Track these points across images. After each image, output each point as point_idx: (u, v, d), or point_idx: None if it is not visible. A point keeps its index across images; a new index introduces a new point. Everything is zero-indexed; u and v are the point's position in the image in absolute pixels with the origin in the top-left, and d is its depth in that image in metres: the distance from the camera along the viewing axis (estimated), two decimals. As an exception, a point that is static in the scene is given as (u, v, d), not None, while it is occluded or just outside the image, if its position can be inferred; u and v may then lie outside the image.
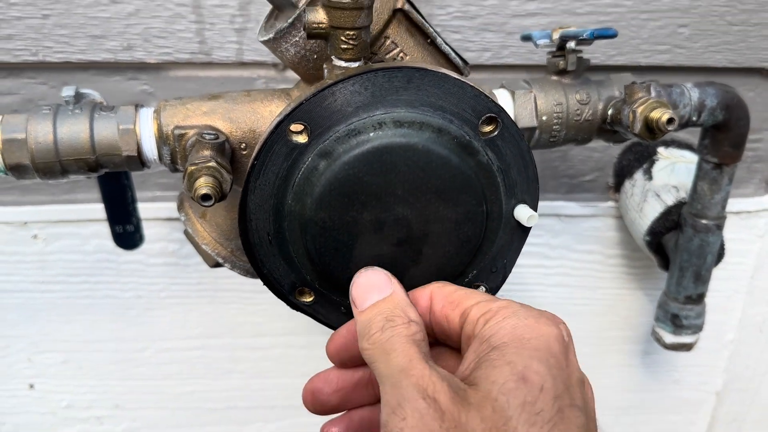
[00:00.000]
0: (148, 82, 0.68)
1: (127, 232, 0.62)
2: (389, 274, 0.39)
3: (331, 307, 0.43)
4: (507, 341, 0.34)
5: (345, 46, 0.40)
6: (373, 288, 0.38)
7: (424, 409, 0.32)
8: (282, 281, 0.42)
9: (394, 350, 0.34)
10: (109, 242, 0.72)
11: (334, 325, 0.44)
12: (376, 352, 0.35)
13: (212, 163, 0.42)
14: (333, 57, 0.41)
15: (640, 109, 0.48)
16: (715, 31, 0.70)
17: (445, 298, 0.38)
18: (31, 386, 0.81)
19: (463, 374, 0.34)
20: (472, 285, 0.44)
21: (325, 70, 0.41)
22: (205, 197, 0.40)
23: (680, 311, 0.69)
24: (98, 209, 0.71)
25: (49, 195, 0.72)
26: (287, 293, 0.43)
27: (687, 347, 0.71)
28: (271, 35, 0.45)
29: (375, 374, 0.35)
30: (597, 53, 0.69)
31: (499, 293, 0.44)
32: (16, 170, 0.47)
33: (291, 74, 0.68)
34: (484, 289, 0.44)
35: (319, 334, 0.82)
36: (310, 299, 0.43)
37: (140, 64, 0.67)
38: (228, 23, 0.65)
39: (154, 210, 0.72)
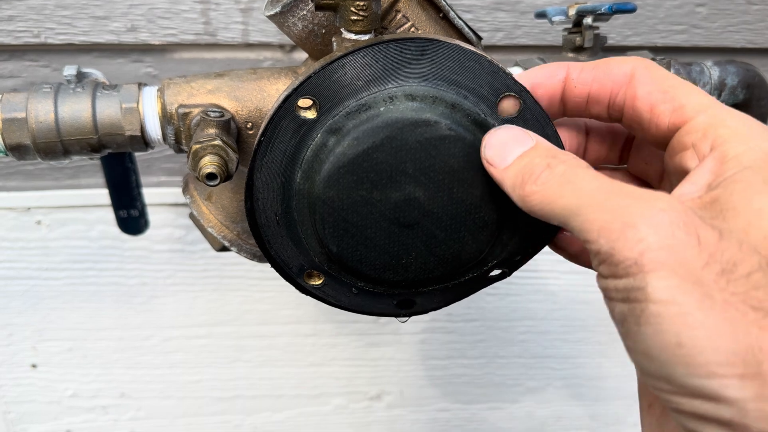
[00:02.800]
0: (152, 64, 0.66)
1: (131, 217, 0.61)
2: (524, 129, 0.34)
3: (342, 288, 0.42)
4: (762, 164, 0.27)
5: (355, 18, 0.38)
6: (510, 142, 0.34)
7: (668, 221, 0.25)
8: (290, 264, 0.41)
9: (578, 177, 0.29)
10: (114, 228, 0.71)
11: (345, 307, 0.42)
12: (552, 189, 0.29)
13: (217, 142, 0.40)
14: (342, 29, 0.39)
15: (660, 86, 0.46)
16: (733, 11, 0.68)
17: (655, 83, 0.32)
18: (34, 366, 0.79)
19: (694, 196, 0.28)
20: (491, 271, 0.42)
21: (334, 44, 0.40)
22: (211, 176, 0.39)
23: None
24: (103, 194, 0.70)
25: (53, 180, 0.71)
26: (295, 276, 0.41)
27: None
28: (277, 9, 0.43)
29: (555, 217, 0.29)
30: (612, 33, 0.67)
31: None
32: (17, 150, 0.45)
33: (298, 56, 0.67)
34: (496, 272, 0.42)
35: (326, 322, 0.81)
36: (319, 282, 0.42)
37: (144, 46, 0.65)
38: (233, 3, 0.63)
39: (160, 195, 0.71)
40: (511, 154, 0.33)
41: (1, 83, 0.66)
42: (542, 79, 0.36)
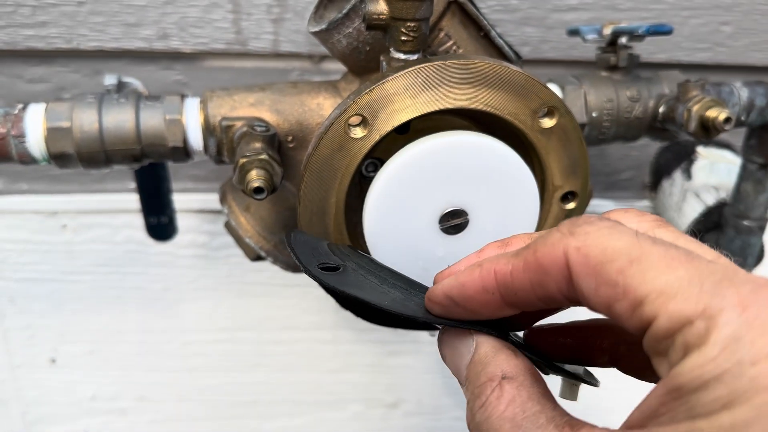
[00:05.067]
0: (182, 71, 0.67)
1: (161, 223, 0.62)
2: (473, 330, 0.29)
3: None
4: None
5: (405, 38, 0.39)
6: (456, 350, 0.30)
7: None
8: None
9: (523, 423, 0.25)
10: (140, 233, 0.72)
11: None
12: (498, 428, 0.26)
13: (264, 156, 0.41)
14: (391, 49, 0.40)
15: (695, 108, 0.47)
16: (757, 30, 0.69)
17: (598, 275, 0.23)
18: (54, 366, 0.80)
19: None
20: None
21: (383, 62, 0.41)
22: (258, 190, 0.40)
23: (717, 313, 0.68)
24: (129, 200, 0.71)
25: (79, 184, 0.71)
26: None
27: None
28: (323, 26, 0.44)
29: None
30: (638, 50, 0.68)
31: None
32: (60, 159, 0.46)
33: (326, 66, 0.67)
34: None
35: (346, 329, 0.81)
36: None
37: (175, 54, 0.66)
38: (265, 13, 0.64)
39: (186, 202, 0.71)
40: (461, 369, 0.29)
41: (31, 88, 0.66)
42: (473, 293, 0.28)
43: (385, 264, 0.37)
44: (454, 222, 0.39)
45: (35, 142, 0.45)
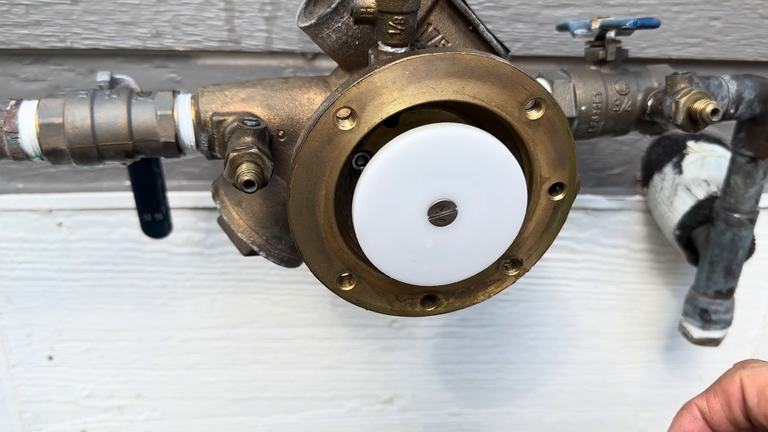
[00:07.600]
0: (176, 69, 0.67)
1: (155, 220, 0.62)
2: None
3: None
4: None
5: (392, 32, 0.39)
6: None
7: None
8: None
9: None
10: (135, 231, 0.72)
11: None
12: None
13: (254, 150, 0.41)
14: (379, 42, 0.40)
15: (683, 100, 0.48)
16: (747, 25, 0.69)
17: (760, 393, 0.35)
18: (51, 365, 0.80)
19: None
20: None
21: (371, 56, 0.41)
22: (248, 183, 0.40)
23: (709, 306, 0.68)
24: (124, 197, 0.71)
25: (74, 183, 0.72)
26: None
27: (715, 342, 0.70)
28: (312, 21, 0.44)
29: None
30: (628, 45, 0.68)
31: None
32: (53, 155, 0.46)
33: (320, 64, 0.68)
34: None
35: (342, 325, 0.82)
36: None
37: (169, 52, 0.66)
38: (258, 11, 0.64)
39: (180, 199, 0.72)
40: None
41: (25, 87, 0.67)
42: (690, 427, 0.39)
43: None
44: (442, 214, 0.40)
45: (28, 138, 0.46)
